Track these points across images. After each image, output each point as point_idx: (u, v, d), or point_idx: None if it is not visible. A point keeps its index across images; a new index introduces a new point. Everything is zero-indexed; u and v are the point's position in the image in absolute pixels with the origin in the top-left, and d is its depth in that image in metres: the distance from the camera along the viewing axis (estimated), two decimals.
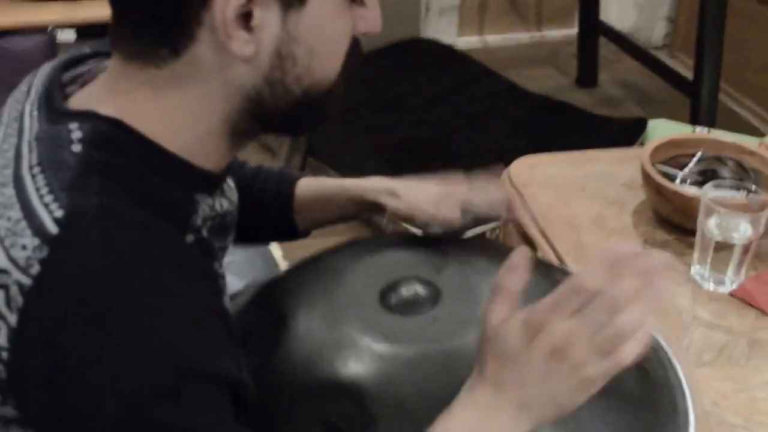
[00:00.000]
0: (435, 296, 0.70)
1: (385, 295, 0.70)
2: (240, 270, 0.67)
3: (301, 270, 0.78)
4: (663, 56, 2.87)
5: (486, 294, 0.69)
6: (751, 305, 0.94)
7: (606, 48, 2.80)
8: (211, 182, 0.65)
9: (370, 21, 0.64)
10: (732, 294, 0.95)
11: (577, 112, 2.56)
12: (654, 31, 3.13)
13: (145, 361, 0.52)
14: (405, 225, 2.02)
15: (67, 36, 1.91)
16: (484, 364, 0.59)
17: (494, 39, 3.09)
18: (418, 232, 0.86)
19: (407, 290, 0.70)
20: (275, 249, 1.20)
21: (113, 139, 0.59)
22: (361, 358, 0.65)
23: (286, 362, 0.66)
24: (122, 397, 0.52)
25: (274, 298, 0.74)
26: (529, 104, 2.55)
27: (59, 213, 0.54)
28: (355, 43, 0.64)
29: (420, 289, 0.70)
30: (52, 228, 0.54)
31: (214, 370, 0.56)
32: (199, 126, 0.61)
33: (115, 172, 0.57)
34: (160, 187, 0.59)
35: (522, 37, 3.12)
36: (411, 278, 0.71)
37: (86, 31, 1.90)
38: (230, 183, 0.73)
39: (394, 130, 2.35)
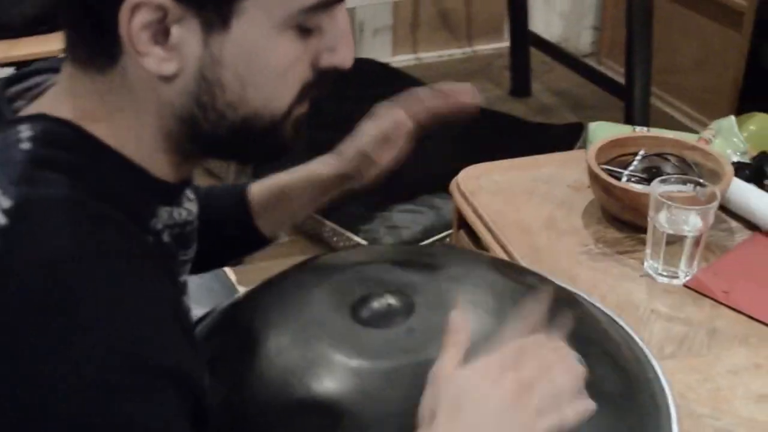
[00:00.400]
0: (408, 307, 0.68)
1: (356, 310, 0.68)
2: (198, 297, 0.65)
3: (265, 290, 0.75)
4: (592, 63, 2.94)
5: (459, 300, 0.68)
6: (705, 296, 0.96)
7: (537, 58, 2.85)
8: (167, 191, 0.63)
9: (336, 55, 0.60)
10: (686, 285, 0.97)
11: (515, 121, 2.59)
12: (581, 40, 3.21)
13: (99, 353, 0.50)
14: (352, 237, 1.99)
15: (5, 74, 1.88)
16: (436, 413, 0.55)
17: (428, 56, 3.12)
18: (363, 242, 0.84)
19: (379, 302, 0.68)
20: (231, 273, 1.18)
21: (64, 137, 0.57)
22: (336, 374, 0.63)
23: (258, 384, 0.64)
24: (79, 390, 0.49)
25: (239, 320, 0.72)
26: (467, 116, 2.57)
27: (8, 204, 0.53)
28: (323, 76, 0.60)
29: (392, 301, 0.68)
30: (1, 219, 0.52)
31: (175, 367, 0.53)
32: (143, 138, 0.59)
33: (65, 167, 0.55)
34: (115, 185, 0.57)
35: (455, 52, 3.17)
36: (382, 290, 0.69)
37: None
38: (190, 194, 0.70)
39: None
